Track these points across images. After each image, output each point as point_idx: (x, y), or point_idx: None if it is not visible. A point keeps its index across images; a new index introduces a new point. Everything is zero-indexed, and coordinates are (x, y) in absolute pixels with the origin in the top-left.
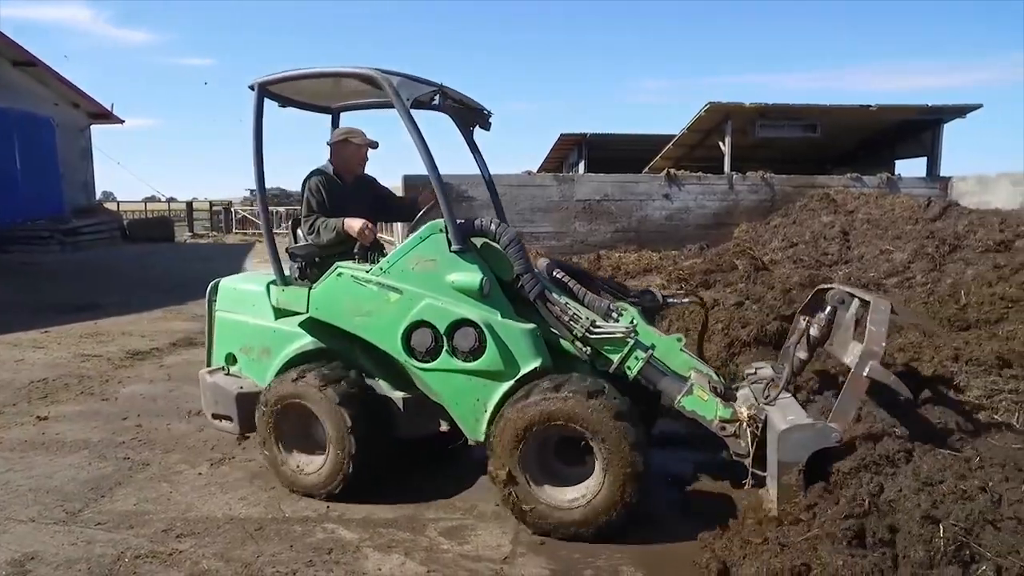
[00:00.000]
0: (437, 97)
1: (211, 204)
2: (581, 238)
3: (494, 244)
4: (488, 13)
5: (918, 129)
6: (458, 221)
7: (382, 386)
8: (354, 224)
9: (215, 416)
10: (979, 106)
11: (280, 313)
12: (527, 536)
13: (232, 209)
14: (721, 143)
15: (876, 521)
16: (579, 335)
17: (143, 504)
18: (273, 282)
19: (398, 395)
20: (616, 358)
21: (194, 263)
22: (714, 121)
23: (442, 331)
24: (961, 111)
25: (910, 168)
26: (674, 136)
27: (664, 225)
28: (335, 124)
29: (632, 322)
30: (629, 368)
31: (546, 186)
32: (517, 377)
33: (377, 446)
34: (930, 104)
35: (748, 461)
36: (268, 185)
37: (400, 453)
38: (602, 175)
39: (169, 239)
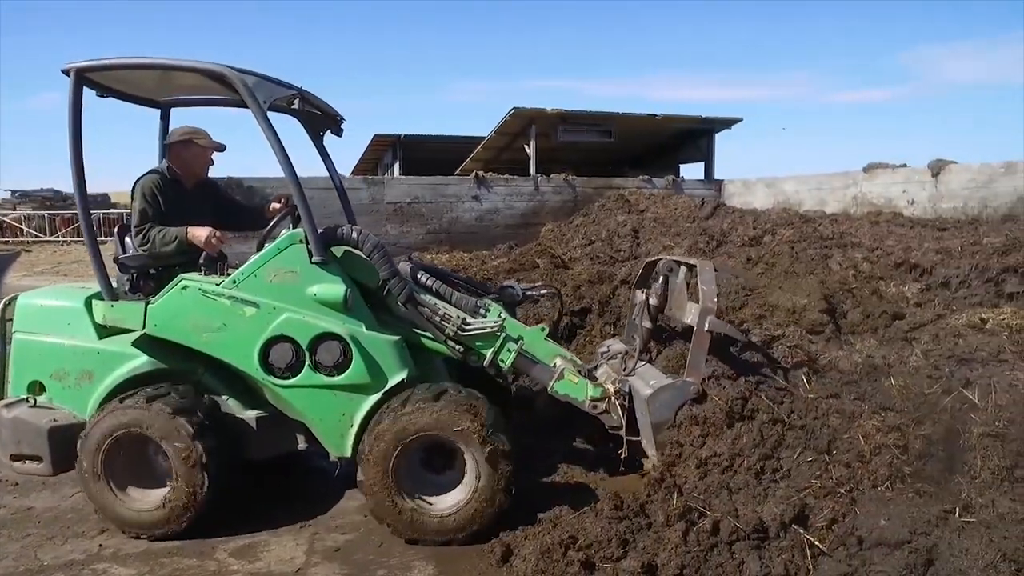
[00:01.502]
0: (296, 101)
1: None
2: (393, 240)
3: (355, 251)
4: (304, 7)
5: (696, 137)
6: (319, 230)
7: (231, 406)
8: (200, 233)
9: (16, 457)
10: (740, 119)
11: (105, 332)
12: (322, 545)
13: None
14: (526, 146)
15: (631, 496)
16: (451, 334)
17: None
18: (95, 296)
19: (250, 415)
20: (489, 352)
21: None
22: (519, 125)
23: (304, 346)
24: (728, 123)
25: (693, 171)
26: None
27: (475, 226)
28: (164, 119)
29: (500, 316)
30: (503, 361)
31: (356, 189)
32: (385, 389)
33: (228, 474)
34: (703, 116)
35: (622, 432)
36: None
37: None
38: (412, 177)
39: None
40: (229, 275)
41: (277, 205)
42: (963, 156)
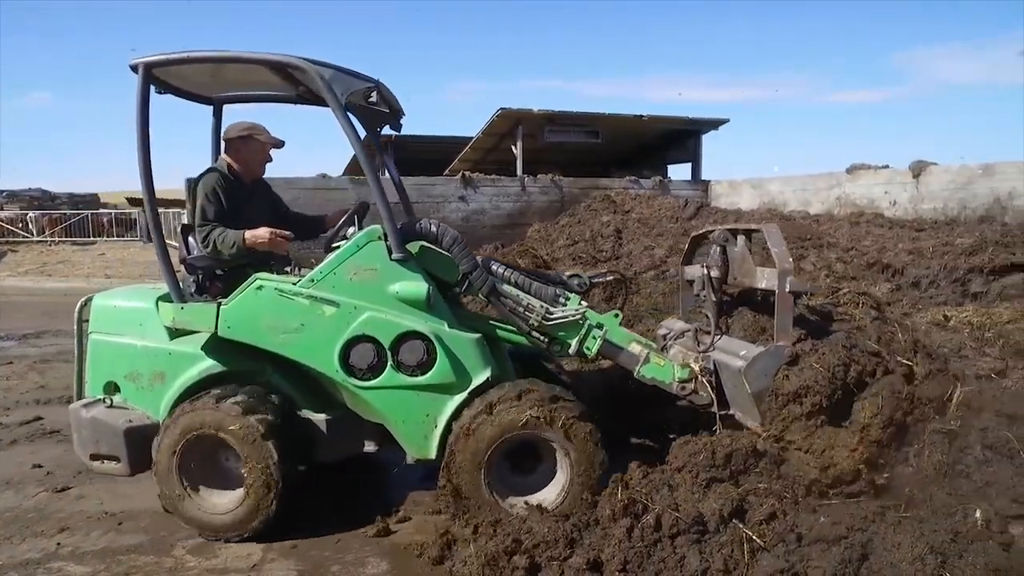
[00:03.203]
0: (374, 95)
1: None
2: None
3: (431, 246)
4: (310, 8)
5: (684, 137)
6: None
7: (301, 408)
8: (259, 234)
9: (95, 457)
10: (727, 120)
11: (175, 333)
12: (279, 541)
13: None
14: (513, 147)
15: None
16: (535, 324)
17: None
18: (164, 298)
19: (319, 417)
20: (574, 341)
21: None
22: (506, 126)
23: (386, 346)
24: (715, 124)
25: (681, 172)
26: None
27: (461, 226)
28: (217, 116)
29: (580, 304)
30: (588, 348)
31: (342, 189)
32: (470, 389)
33: (300, 476)
34: (690, 116)
35: (715, 409)
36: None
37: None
38: (400, 178)
39: None
40: (302, 275)
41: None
42: (952, 156)
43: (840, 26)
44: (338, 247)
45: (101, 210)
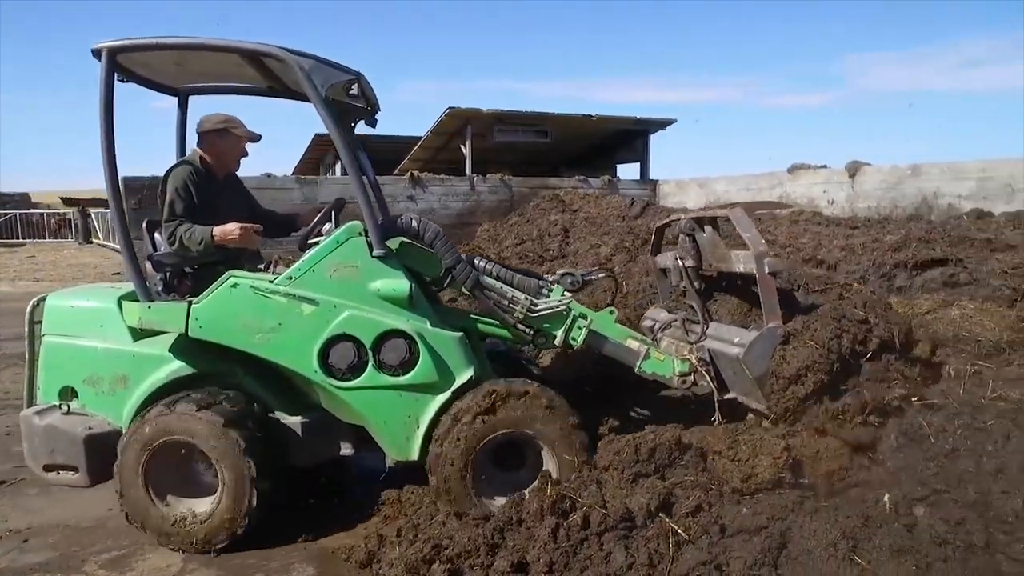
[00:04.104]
0: (354, 87)
1: None
2: None
3: (411, 242)
4: (257, 7)
5: (632, 137)
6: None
7: (275, 411)
8: (228, 230)
9: (49, 468)
10: (674, 121)
11: (139, 334)
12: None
13: None
14: (463, 146)
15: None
16: (520, 317)
17: None
18: (127, 296)
19: (294, 420)
20: (559, 332)
21: None
22: (455, 125)
23: (368, 345)
24: (662, 124)
25: (630, 172)
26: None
27: None
28: (183, 108)
29: (563, 295)
30: (574, 339)
31: (288, 188)
32: (453, 388)
33: (276, 485)
34: (638, 116)
35: (715, 398)
36: None
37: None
38: (346, 177)
39: None
40: (278, 273)
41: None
42: (885, 158)
43: (783, 32)
44: (315, 244)
45: (33, 210)
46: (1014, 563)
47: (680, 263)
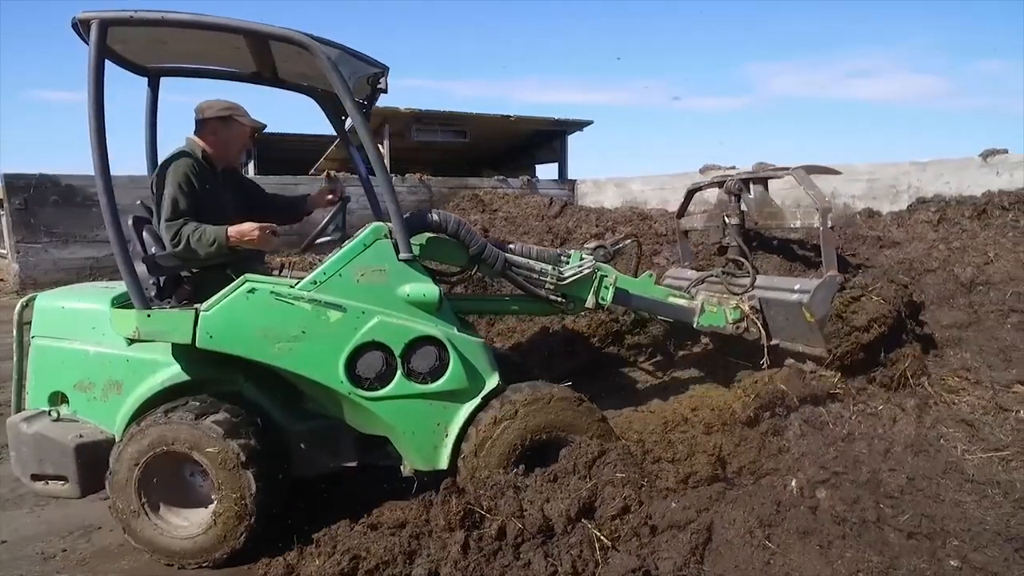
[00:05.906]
0: (382, 80)
1: None
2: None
3: (436, 235)
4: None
5: (550, 138)
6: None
7: (277, 420)
8: (244, 230)
9: (38, 477)
10: (591, 122)
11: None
12: (109, 565)
13: None
14: (380, 146)
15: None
16: (552, 287)
17: None
18: (120, 303)
19: (296, 430)
20: (589, 295)
21: None
22: (373, 124)
23: (397, 352)
24: (580, 125)
25: (549, 172)
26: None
27: None
28: (153, 88)
29: (583, 257)
30: (603, 299)
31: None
32: (483, 394)
33: (275, 498)
34: (556, 118)
35: (763, 341)
36: None
37: None
38: (261, 177)
39: None
40: (291, 276)
41: (330, 196)
42: (788, 159)
43: (696, 37)
44: (324, 243)
45: None
46: (899, 534)
47: (727, 220)
